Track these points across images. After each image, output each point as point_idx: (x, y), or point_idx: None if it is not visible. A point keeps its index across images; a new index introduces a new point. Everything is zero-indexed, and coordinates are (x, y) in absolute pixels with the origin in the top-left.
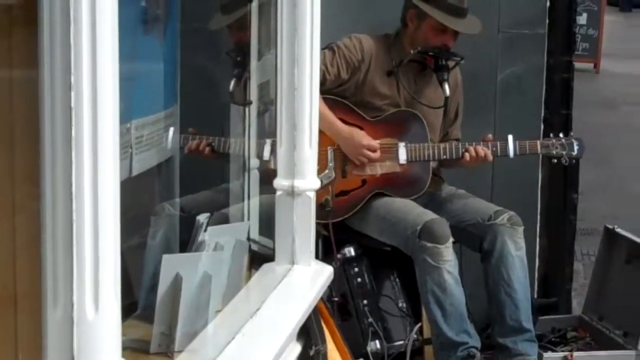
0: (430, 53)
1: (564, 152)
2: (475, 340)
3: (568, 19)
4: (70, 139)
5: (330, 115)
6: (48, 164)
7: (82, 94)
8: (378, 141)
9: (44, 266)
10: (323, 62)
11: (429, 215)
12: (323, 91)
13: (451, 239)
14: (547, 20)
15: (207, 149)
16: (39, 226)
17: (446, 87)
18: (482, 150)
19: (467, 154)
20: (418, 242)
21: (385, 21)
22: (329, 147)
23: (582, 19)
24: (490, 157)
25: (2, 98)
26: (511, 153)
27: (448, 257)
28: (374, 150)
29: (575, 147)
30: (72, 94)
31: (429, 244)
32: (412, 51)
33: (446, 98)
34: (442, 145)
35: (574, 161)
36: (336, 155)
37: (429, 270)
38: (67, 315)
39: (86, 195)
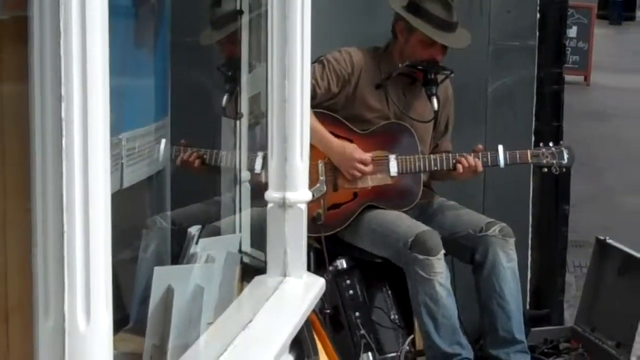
0: (419, 67)
1: (554, 161)
2: (467, 352)
3: (558, 32)
4: (61, 150)
5: (321, 129)
6: (39, 175)
7: (73, 105)
8: (369, 154)
9: (35, 277)
10: (313, 76)
11: (421, 227)
12: (314, 105)
13: (443, 251)
14: (538, 33)
15: (198, 161)
16: (30, 238)
17: (434, 101)
18: (473, 160)
19: (459, 165)
20: (409, 254)
21: (376, 34)
22: (319, 161)
23: (572, 32)
24: (481, 168)
25: None
26: (502, 163)
27: (440, 269)
28: (366, 164)
29: (565, 156)
30: (63, 105)
31: (420, 256)
32: (400, 65)
33: (435, 112)
34: (432, 156)
35: (564, 170)
36: (327, 169)
37: (420, 282)
38: (58, 326)
39: (77, 207)
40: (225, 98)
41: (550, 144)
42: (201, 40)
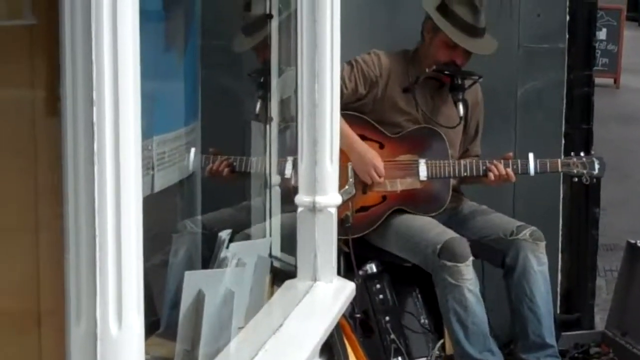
0: (447, 72)
1: (585, 171)
2: (498, 359)
3: (588, 34)
4: (93, 154)
5: (346, 128)
6: (70, 180)
7: (104, 109)
8: (399, 157)
9: (67, 282)
10: (341, 76)
11: (449, 233)
12: (341, 106)
13: (471, 258)
14: (567, 35)
15: (227, 170)
16: (62, 243)
17: (460, 107)
18: (504, 168)
19: (490, 174)
20: (438, 260)
21: (407, 37)
22: (349, 163)
23: (601, 34)
24: (514, 178)
25: (25, 116)
26: (532, 171)
27: (468, 275)
28: (379, 175)
29: (596, 166)
30: (95, 109)
31: (449, 263)
32: (427, 69)
33: (460, 118)
34: (462, 162)
35: (594, 180)
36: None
37: (450, 288)
38: (90, 331)
39: (109, 211)
40: (258, 104)
41: (582, 154)
42: (233, 47)
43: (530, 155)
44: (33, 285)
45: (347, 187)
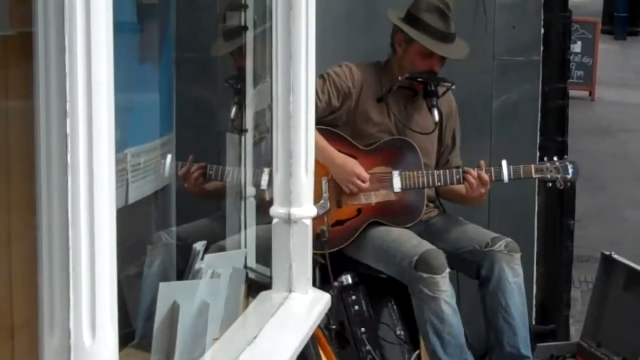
0: (419, 79)
1: (559, 176)
2: None
3: (562, 47)
4: (66, 166)
5: (323, 142)
6: (44, 191)
7: (78, 121)
8: (372, 170)
9: (40, 293)
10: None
11: (425, 245)
12: (315, 120)
13: (447, 270)
14: (542, 48)
15: (200, 175)
16: (35, 254)
17: (435, 113)
18: (479, 172)
19: (469, 176)
20: (414, 273)
21: (379, 49)
22: (323, 178)
23: (576, 47)
24: (487, 179)
25: None
26: (505, 177)
27: (444, 287)
28: (364, 181)
29: (570, 170)
30: (68, 120)
31: (425, 275)
32: (400, 77)
33: (435, 124)
34: (436, 172)
35: (569, 184)
36: (330, 186)
37: (426, 300)
38: (64, 342)
39: (82, 223)
40: (233, 110)
41: (555, 159)
42: (212, 52)
43: (504, 162)
44: (6, 296)
45: (321, 201)
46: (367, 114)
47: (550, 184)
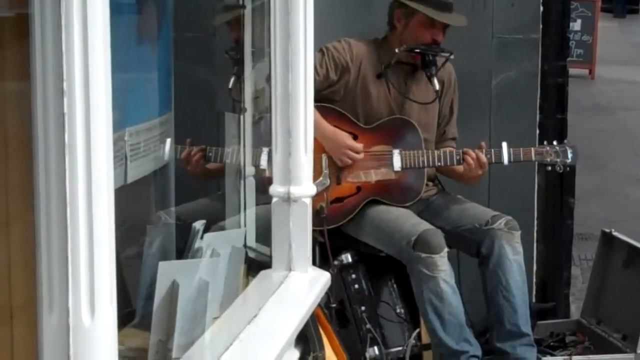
0: (417, 50)
1: (558, 160)
2: (475, 349)
3: (562, 25)
4: (64, 146)
5: (316, 116)
6: (41, 172)
7: (75, 100)
8: (373, 148)
9: (39, 273)
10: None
11: (424, 225)
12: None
13: (446, 249)
14: (541, 26)
15: (201, 158)
16: (33, 235)
17: (435, 81)
18: (478, 154)
19: (467, 157)
20: (413, 252)
21: (378, 27)
22: (323, 154)
23: (576, 25)
24: (485, 160)
25: None
26: (505, 160)
27: (443, 266)
28: (357, 152)
29: (570, 155)
30: (65, 100)
31: (423, 255)
32: (397, 50)
33: (436, 92)
34: (437, 152)
35: (568, 168)
36: (331, 162)
37: (425, 280)
38: (62, 321)
39: (80, 203)
40: (232, 80)
41: (555, 143)
42: (213, 21)
43: (504, 145)
44: (4, 277)
45: (321, 178)
46: (367, 89)
47: (549, 168)
